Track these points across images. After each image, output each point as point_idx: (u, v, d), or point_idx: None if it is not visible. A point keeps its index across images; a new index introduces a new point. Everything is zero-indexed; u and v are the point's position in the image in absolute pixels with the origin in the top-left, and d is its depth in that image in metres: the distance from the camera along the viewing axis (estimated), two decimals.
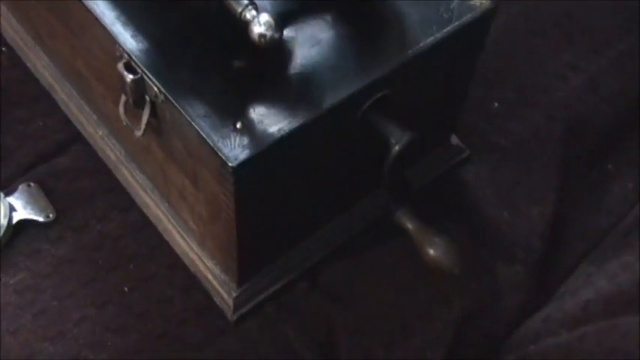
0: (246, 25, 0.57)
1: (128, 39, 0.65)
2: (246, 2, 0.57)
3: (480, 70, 0.79)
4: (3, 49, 0.90)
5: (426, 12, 0.69)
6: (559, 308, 0.80)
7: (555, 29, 0.95)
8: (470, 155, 0.87)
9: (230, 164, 0.59)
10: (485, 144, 0.88)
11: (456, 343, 0.77)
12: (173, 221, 0.78)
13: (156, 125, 0.68)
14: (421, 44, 0.67)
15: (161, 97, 0.63)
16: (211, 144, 0.60)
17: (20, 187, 0.79)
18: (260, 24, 0.56)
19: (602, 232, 0.85)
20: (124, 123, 0.70)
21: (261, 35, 0.57)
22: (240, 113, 0.62)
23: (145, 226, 0.80)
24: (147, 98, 0.65)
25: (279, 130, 0.61)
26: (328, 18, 0.68)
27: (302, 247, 0.78)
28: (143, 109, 0.66)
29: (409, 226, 0.75)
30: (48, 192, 0.80)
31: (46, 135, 0.85)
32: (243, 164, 0.59)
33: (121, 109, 0.69)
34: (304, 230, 0.77)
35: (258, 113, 0.62)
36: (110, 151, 0.83)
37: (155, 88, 0.63)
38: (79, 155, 0.83)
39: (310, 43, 0.66)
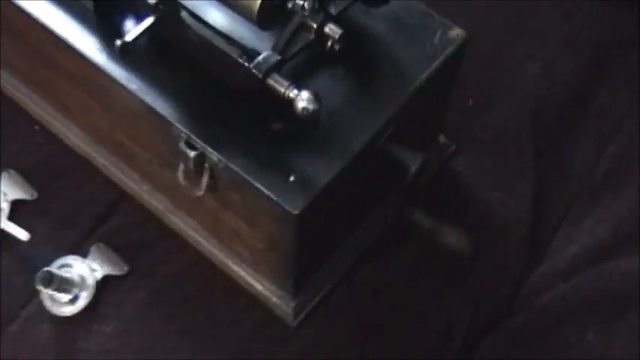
0: (289, 101, 0.71)
1: (184, 120, 0.77)
2: (287, 83, 0.71)
3: None
4: (36, 127, 1.01)
5: (414, 51, 0.83)
6: (552, 265, 0.96)
7: (507, 26, 1.10)
8: (456, 149, 1.03)
9: (294, 212, 0.73)
10: (466, 137, 1.04)
11: (476, 313, 0.93)
12: (226, 254, 0.92)
13: (212, 184, 0.81)
14: (418, 81, 0.81)
15: (221, 164, 0.76)
16: (274, 198, 0.74)
17: (92, 249, 0.91)
18: (303, 100, 0.70)
19: (574, 196, 1.01)
20: (184, 185, 0.83)
21: (305, 109, 0.70)
22: (290, 167, 0.76)
23: (201, 261, 0.93)
24: (206, 165, 0.78)
25: (325, 176, 0.75)
26: (338, 71, 0.81)
27: (338, 255, 0.93)
28: (202, 174, 0.79)
29: (425, 222, 0.91)
30: (114, 248, 0.93)
31: (96, 198, 0.97)
32: (303, 211, 0.73)
33: (180, 176, 0.82)
34: (339, 241, 0.92)
35: (305, 164, 0.76)
36: (157, 203, 0.95)
37: (215, 158, 0.76)
38: (129, 211, 0.96)
39: (328, 95, 0.79)
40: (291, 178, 0.75)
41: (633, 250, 0.94)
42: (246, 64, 0.71)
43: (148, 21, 0.71)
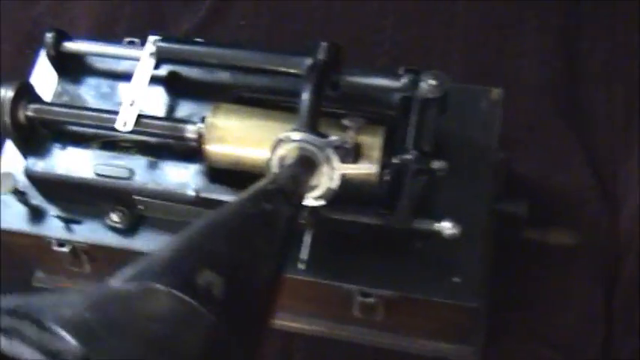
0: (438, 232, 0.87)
1: (351, 279, 0.93)
2: (428, 220, 0.86)
3: None
4: None
5: (475, 123, 0.98)
6: (631, 206, 1.15)
7: (489, 43, 1.27)
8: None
9: (472, 305, 0.90)
10: (510, 142, 1.20)
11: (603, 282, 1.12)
12: (404, 340, 1.08)
13: (388, 307, 0.97)
14: (493, 146, 0.97)
15: (396, 297, 0.92)
16: (453, 303, 0.90)
17: None
18: (447, 229, 0.86)
19: (613, 144, 1.20)
20: (363, 319, 0.99)
21: (451, 235, 0.86)
22: (446, 269, 0.92)
23: (384, 353, 1.10)
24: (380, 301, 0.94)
25: (474, 258, 0.91)
26: None
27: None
28: (379, 308, 0.95)
29: (535, 235, 1.09)
30: None
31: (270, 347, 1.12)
32: (479, 300, 0.90)
33: (357, 313, 0.98)
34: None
35: (454, 260, 0.92)
36: (324, 328, 1.11)
37: (390, 294, 0.92)
38: (302, 341, 1.11)
39: (438, 191, 0.95)
40: (456, 280, 0.91)
41: None
42: (392, 223, 0.87)
43: (309, 235, 0.86)
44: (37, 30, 1.34)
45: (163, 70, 1.00)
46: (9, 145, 1.02)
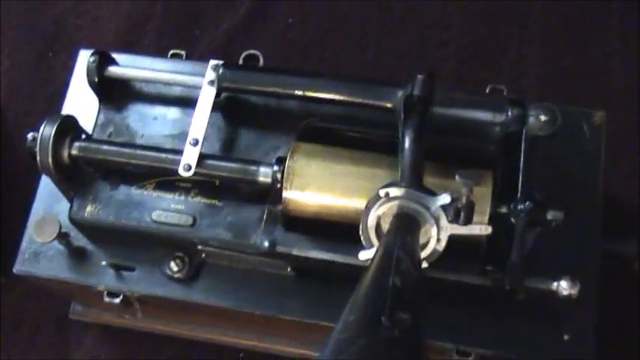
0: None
1: (446, 336, 0.82)
2: (545, 280, 0.76)
3: None
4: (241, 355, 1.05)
5: (578, 153, 0.86)
6: None
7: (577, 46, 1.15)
8: None
9: None
10: None
11: None
12: None
13: None
14: (599, 178, 0.85)
15: (497, 356, 0.82)
16: None
17: None
18: (565, 289, 0.75)
19: None
20: None
21: (568, 295, 0.76)
22: (557, 329, 0.81)
23: None
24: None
25: (589, 311, 0.81)
26: None
27: None
28: None
29: None
30: None
31: None
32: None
33: None
34: None
35: (562, 315, 0.82)
36: None
37: (490, 354, 0.82)
38: None
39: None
40: (566, 337, 0.81)
41: None
42: (501, 284, 0.76)
43: None
44: (58, 31, 1.21)
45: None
46: (45, 184, 0.90)
